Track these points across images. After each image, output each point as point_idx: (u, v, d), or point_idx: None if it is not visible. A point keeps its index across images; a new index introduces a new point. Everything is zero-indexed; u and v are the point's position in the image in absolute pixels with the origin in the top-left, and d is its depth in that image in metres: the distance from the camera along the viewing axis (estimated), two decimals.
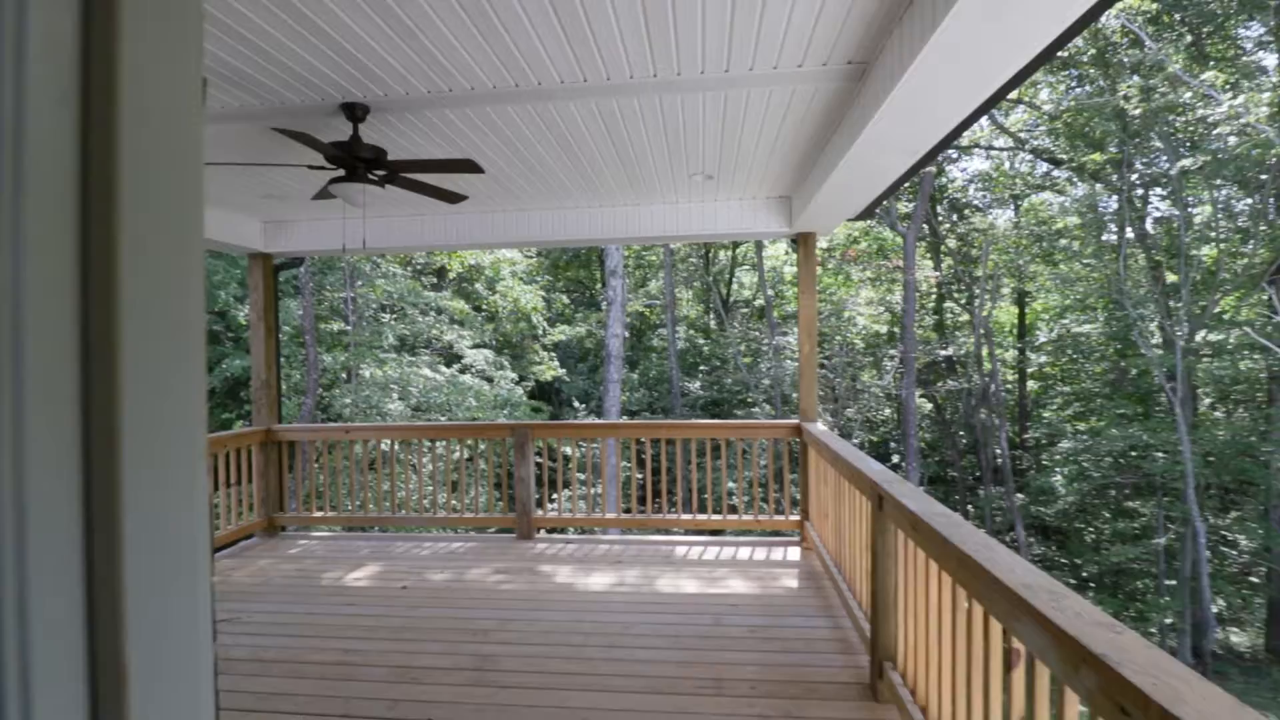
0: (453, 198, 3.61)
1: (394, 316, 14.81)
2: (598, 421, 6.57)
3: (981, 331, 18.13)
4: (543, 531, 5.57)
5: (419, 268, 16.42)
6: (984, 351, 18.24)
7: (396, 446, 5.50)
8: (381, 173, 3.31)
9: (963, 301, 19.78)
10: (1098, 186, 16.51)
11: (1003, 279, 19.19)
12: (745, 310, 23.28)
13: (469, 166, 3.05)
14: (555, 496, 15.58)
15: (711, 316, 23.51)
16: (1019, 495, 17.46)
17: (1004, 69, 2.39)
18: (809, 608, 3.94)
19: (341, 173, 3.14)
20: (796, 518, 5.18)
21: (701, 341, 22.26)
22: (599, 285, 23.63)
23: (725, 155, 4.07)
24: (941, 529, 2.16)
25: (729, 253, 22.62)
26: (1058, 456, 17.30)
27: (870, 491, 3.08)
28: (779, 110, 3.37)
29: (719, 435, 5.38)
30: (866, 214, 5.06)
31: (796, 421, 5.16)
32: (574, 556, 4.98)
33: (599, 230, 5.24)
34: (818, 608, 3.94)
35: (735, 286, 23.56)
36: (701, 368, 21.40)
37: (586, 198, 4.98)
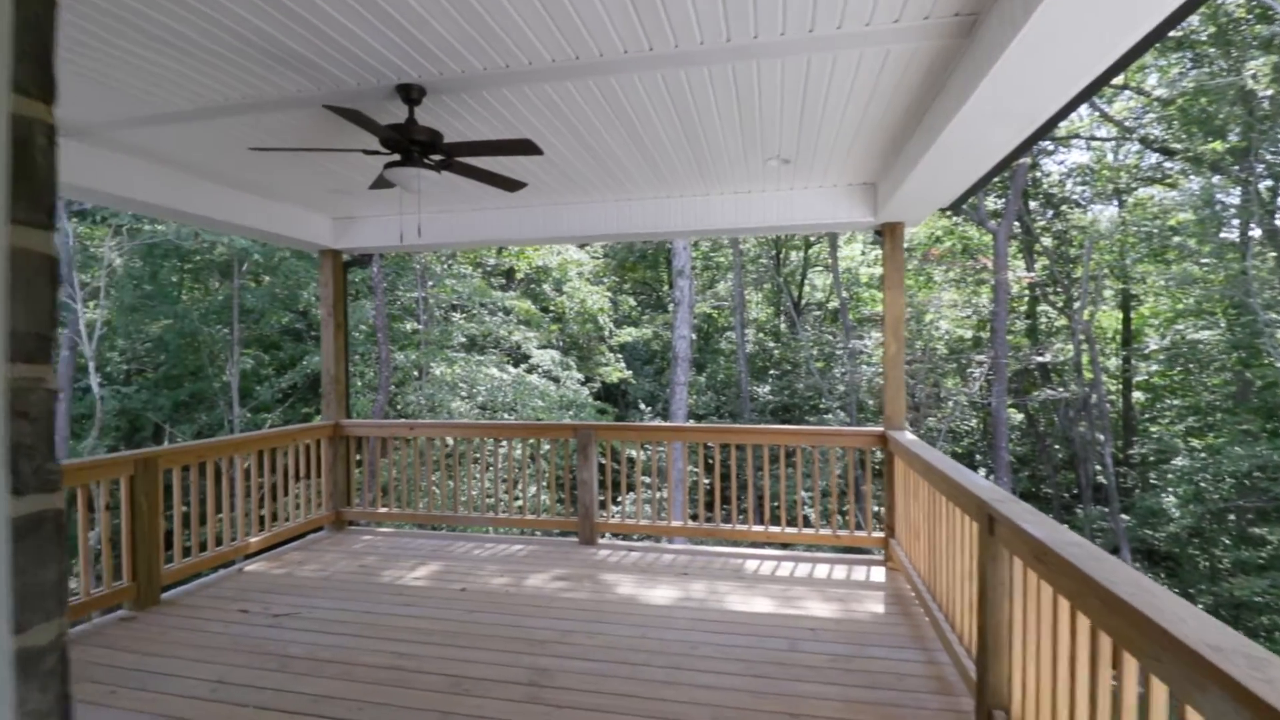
0: (511, 185, 3.43)
1: (464, 316, 15.05)
2: (664, 424, 6.31)
3: (1081, 337, 16.77)
4: (605, 536, 5.35)
5: (488, 269, 16.65)
6: (1084, 359, 16.86)
7: (460, 444, 5.40)
8: (438, 157, 3.16)
9: (1059, 305, 18.36)
10: (1216, 178, 14.94)
11: (1105, 280, 17.71)
12: (818, 313, 22.52)
13: (527, 147, 2.85)
14: (619, 500, 15.45)
15: (782, 319, 22.85)
16: (1124, 516, 16.01)
17: (1156, 6, 1.98)
18: (898, 637, 3.54)
19: (397, 158, 3.01)
20: (880, 534, 4.75)
21: (771, 345, 21.65)
22: (666, 286, 23.41)
23: (805, 135, 3.73)
24: (1079, 562, 1.77)
25: (801, 253, 21.94)
26: (1170, 475, 15.76)
27: (977, 511, 2.68)
28: (869, 78, 3.01)
29: (793, 442, 5.00)
30: (959, 204, 4.59)
31: (880, 430, 4.72)
32: (638, 565, 4.73)
33: (666, 223, 4.98)
34: (908, 638, 3.52)
35: (807, 288, 22.83)
36: (771, 372, 20.82)
37: (653, 187, 4.73)
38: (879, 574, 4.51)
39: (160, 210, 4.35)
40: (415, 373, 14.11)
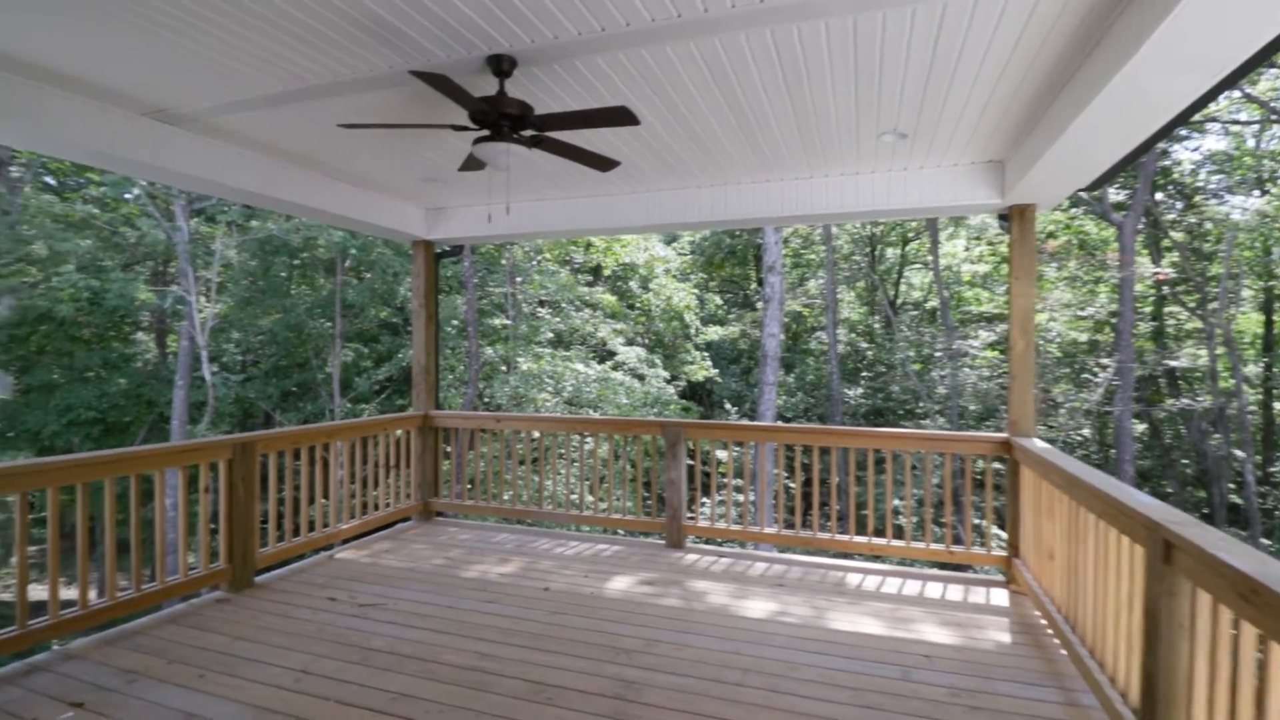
0: (604, 163, 3.23)
1: (551, 312, 15.18)
2: (757, 424, 5.99)
3: (1219, 341, 14.97)
4: (691, 539, 5.09)
5: (576, 266, 16.75)
6: (1220, 365, 15.05)
7: (545, 439, 5.28)
8: (528, 132, 3.00)
9: (1191, 305, 16.48)
10: None
11: (1244, 279, 15.75)
12: (915, 312, 21.32)
13: (622, 116, 2.63)
14: (705, 501, 15.12)
15: (876, 319, 21.78)
16: (1265, 540, 14.16)
17: None
18: (1029, 671, 3.08)
19: (486, 134, 2.87)
20: (1002, 553, 4.23)
21: (865, 345, 20.66)
22: (754, 285, 22.83)
23: (928, 104, 3.32)
24: None
25: (898, 250, 20.84)
26: None
27: (1146, 535, 2.23)
28: (1012, 30, 2.59)
29: (902, 447, 4.55)
30: (1101, 183, 4.01)
31: (1003, 436, 4.21)
32: (728, 573, 4.44)
33: (767, 208, 4.65)
34: (1041, 672, 3.06)
35: (904, 287, 21.66)
36: (864, 374, 19.87)
37: (752, 170, 4.42)
38: (1000, 597, 4.01)
39: (257, 197, 4.44)
40: (503, 367, 14.36)
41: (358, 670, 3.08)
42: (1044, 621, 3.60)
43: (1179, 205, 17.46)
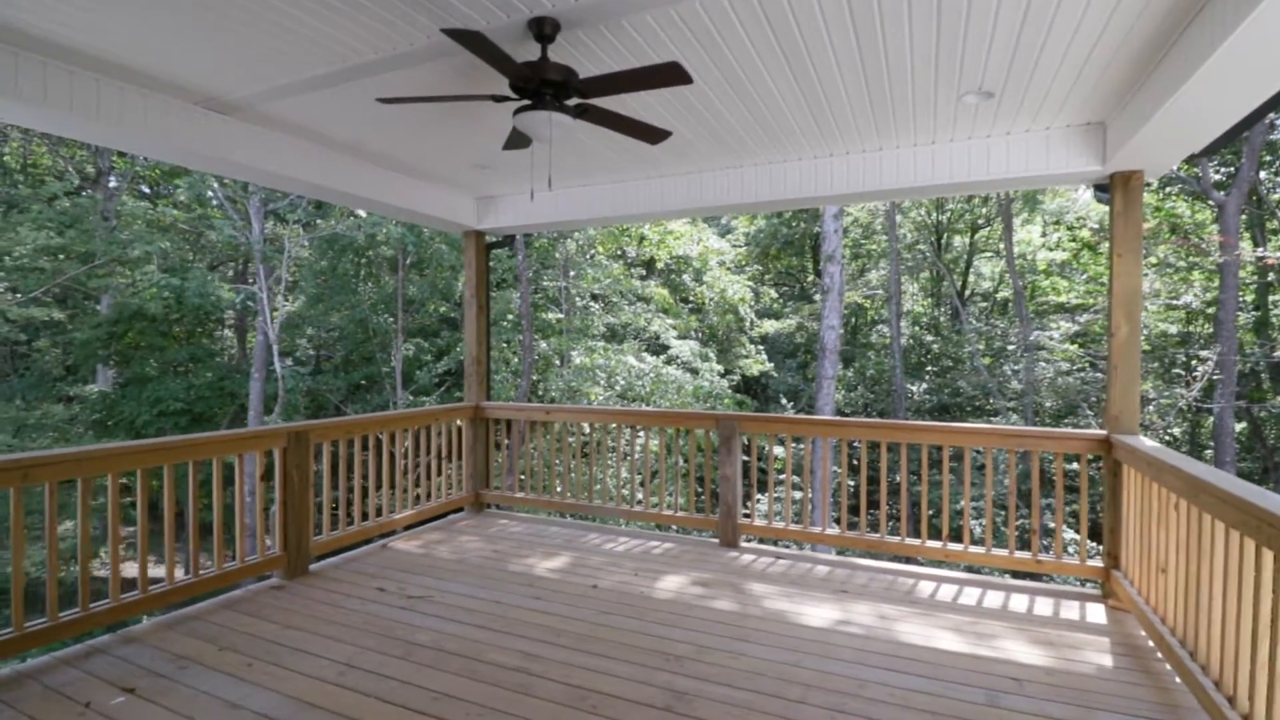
0: (653, 134, 3.00)
1: (603, 306, 15.07)
2: (818, 417, 5.68)
3: None
4: (745, 538, 4.83)
5: (630, 260, 16.59)
6: None
7: (597, 432, 5.12)
8: (573, 101, 2.80)
9: None
10: None
11: None
12: (984, 304, 20.25)
13: (673, 73, 2.40)
14: (761, 498, 14.71)
15: (942, 310, 20.80)
16: None
17: None
18: (1137, 701, 2.70)
19: (527, 103, 2.69)
20: (1098, 564, 3.80)
21: (930, 339, 19.76)
22: (811, 277, 22.15)
23: (1021, 58, 2.95)
24: None
25: (966, 238, 19.80)
26: None
27: None
28: None
29: (982, 443, 4.15)
30: (1219, 146, 3.52)
31: (1102, 433, 3.77)
32: (786, 576, 4.16)
33: (831, 184, 4.32)
34: (1153, 703, 2.68)
35: (973, 277, 20.57)
36: (929, 368, 18.99)
37: (814, 142, 4.10)
38: (1097, 613, 3.59)
39: (311, 187, 4.43)
40: (557, 360, 14.35)
41: (400, 666, 2.98)
42: (1152, 643, 3.18)
43: None
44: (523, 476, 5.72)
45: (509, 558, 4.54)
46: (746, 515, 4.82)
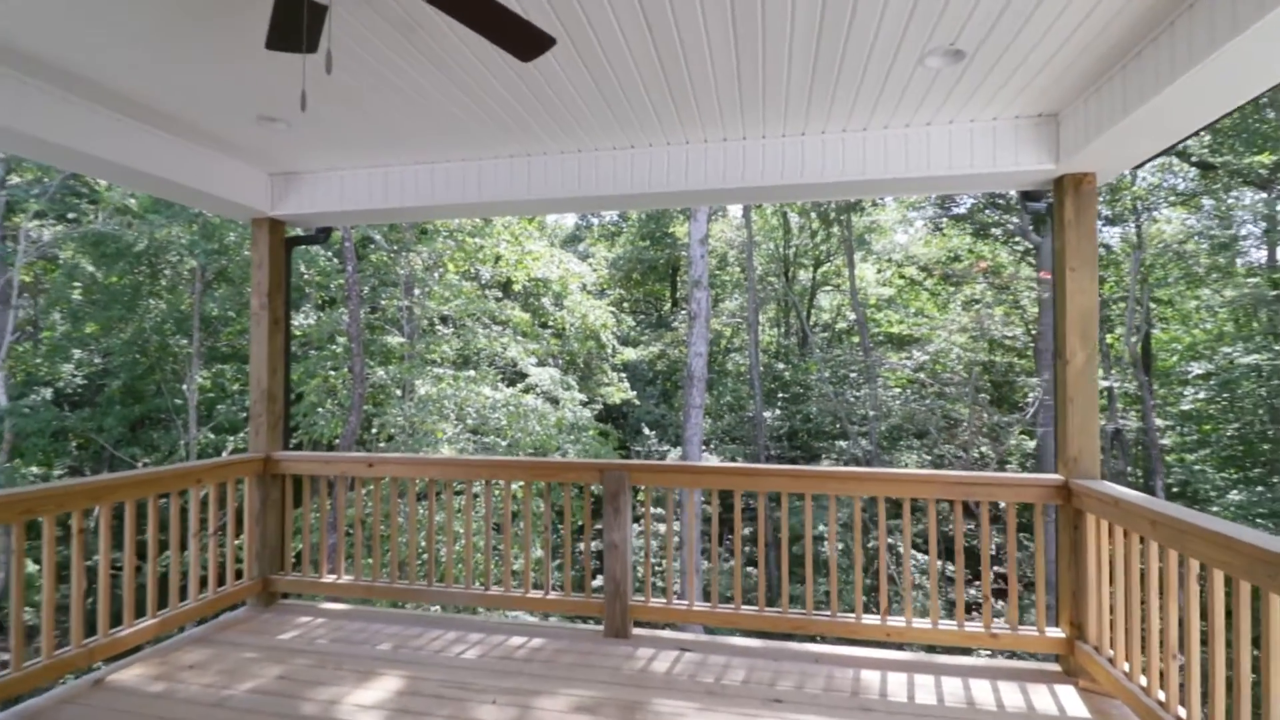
0: (529, 40, 1.93)
1: (453, 329, 13.50)
2: (726, 465, 4.80)
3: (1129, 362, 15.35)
4: (637, 624, 3.77)
5: (484, 282, 15.15)
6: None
7: (439, 487, 3.83)
8: None
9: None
10: None
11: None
12: (825, 334, 21.27)
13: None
14: (658, 565, 13.39)
15: (793, 338, 21.51)
16: None
17: None
18: None
19: None
20: (1059, 633, 3.20)
21: (780, 366, 20.28)
22: (668, 306, 21.97)
23: (1010, 11, 2.27)
24: None
25: (809, 273, 20.76)
26: None
27: None
28: None
29: (917, 494, 3.43)
30: (1173, 149, 3.15)
31: (1060, 478, 3.20)
32: (698, 682, 3.14)
33: (743, 175, 3.48)
34: None
35: (814, 310, 21.63)
36: (780, 395, 19.40)
37: (736, 118, 3.23)
38: (1070, 699, 2.95)
39: (49, 149, 2.97)
40: (398, 391, 12.50)
41: None
42: None
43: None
44: (333, 554, 4.26)
45: (304, 689, 3.10)
46: (639, 594, 3.77)
